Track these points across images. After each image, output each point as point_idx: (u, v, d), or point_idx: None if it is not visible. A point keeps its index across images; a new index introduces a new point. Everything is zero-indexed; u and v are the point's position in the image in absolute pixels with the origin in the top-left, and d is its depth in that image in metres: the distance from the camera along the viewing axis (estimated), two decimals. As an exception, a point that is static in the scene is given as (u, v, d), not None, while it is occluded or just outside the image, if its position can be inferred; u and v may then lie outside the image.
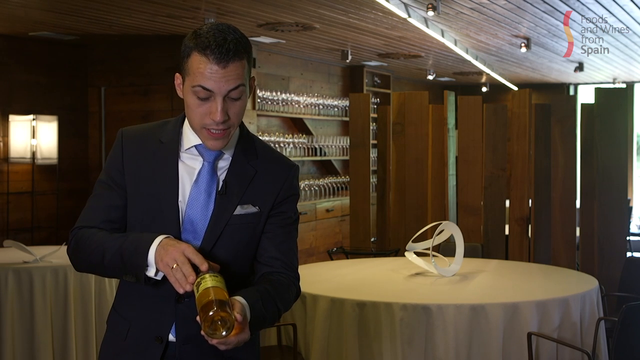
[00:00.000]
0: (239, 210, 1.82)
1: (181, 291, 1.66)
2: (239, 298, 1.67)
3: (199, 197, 1.81)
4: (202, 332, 1.58)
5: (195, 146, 1.84)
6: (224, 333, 1.58)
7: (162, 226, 1.78)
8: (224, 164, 1.85)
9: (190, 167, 1.84)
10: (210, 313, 1.56)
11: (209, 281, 1.62)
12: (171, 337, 1.82)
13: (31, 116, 6.70)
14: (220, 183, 1.83)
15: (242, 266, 1.85)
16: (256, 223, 1.85)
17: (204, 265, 1.65)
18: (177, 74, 1.83)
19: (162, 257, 1.68)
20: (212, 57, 1.69)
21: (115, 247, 1.75)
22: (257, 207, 1.84)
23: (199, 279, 1.63)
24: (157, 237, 1.72)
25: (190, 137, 1.84)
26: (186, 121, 1.87)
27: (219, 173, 1.84)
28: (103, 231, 1.82)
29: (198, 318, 1.60)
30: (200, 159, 1.84)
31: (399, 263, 4.40)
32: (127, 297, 1.88)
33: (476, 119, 5.82)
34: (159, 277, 1.73)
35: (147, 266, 1.71)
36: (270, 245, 1.86)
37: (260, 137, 7.68)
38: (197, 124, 1.77)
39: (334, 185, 8.73)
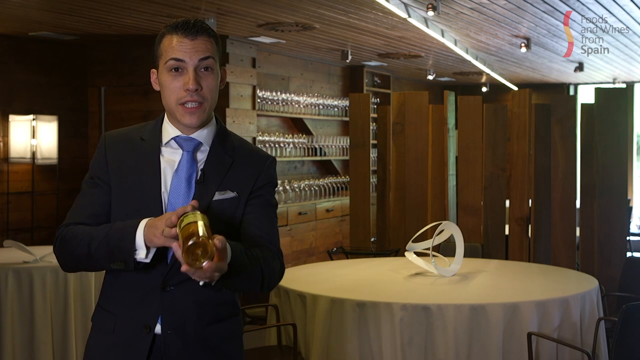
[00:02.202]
0: (217, 196, 1.88)
1: (178, 254, 1.66)
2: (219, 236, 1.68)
3: (180, 185, 1.88)
4: (182, 263, 1.60)
5: (174, 138, 1.92)
6: (204, 263, 1.59)
7: (146, 216, 1.82)
8: (202, 155, 1.93)
9: (171, 160, 1.91)
10: (190, 242, 1.58)
11: (190, 217, 1.65)
12: (158, 327, 1.84)
13: (31, 116, 6.70)
14: (199, 172, 1.90)
15: None
16: (235, 207, 1.90)
17: (187, 208, 1.68)
18: (152, 70, 1.94)
19: (153, 233, 1.71)
20: (180, 32, 1.85)
21: (101, 236, 1.80)
22: (235, 192, 1.90)
23: (182, 217, 1.66)
24: (141, 220, 1.77)
25: (169, 131, 1.93)
26: (165, 118, 1.95)
27: (198, 164, 1.91)
28: (87, 226, 1.87)
29: (178, 250, 1.61)
30: (180, 151, 1.91)
31: (399, 263, 4.40)
32: (112, 292, 1.91)
33: (476, 119, 5.82)
34: (148, 259, 1.77)
35: (136, 250, 1.75)
36: (252, 225, 1.91)
37: (260, 137, 7.71)
38: (172, 101, 1.86)
39: (334, 185, 8.73)
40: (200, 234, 1.60)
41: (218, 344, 1.88)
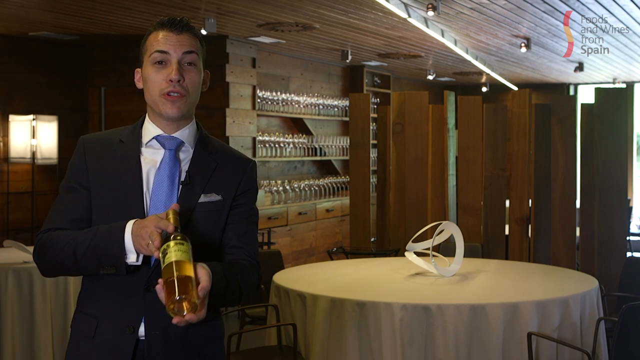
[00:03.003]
0: (203, 199, 1.88)
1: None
2: (204, 267, 1.68)
3: (163, 184, 1.87)
4: (166, 309, 1.61)
5: (156, 137, 1.91)
6: (184, 313, 1.61)
7: (128, 217, 1.80)
8: (184, 155, 1.92)
9: (152, 159, 1.90)
10: (176, 297, 1.59)
11: (172, 252, 1.63)
12: (141, 328, 1.83)
13: (31, 116, 6.70)
14: (183, 174, 1.89)
15: (208, 256, 1.87)
16: (220, 210, 1.90)
17: (169, 227, 1.68)
18: (137, 69, 1.95)
19: (140, 243, 1.72)
20: (166, 27, 1.89)
21: (86, 242, 1.78)
22: (220, 196, 1.90)
23: (164, 247, 1.65)
24: (126, 224, 1.76)
25: (150, 130, 1.93)
26: (146, 118, 1.96)
27: (181, 164, 1.90)
28: (69, 231, 1.85)
29: (162, 293, 1.61)
30: (162, 151, 1.90)
31: (399, 263, 4.40)
32: (92, 295, 1.89)
33: (476, 119, 5.82)
34: (139, 262, 1.76)
35: (126, 254, 1.75)
36: (233, 235, 1.92)
37: (261, 137, 7.71)
38: (156, 93, 1.87)
39: (334, 185, 8.73)
40: (183, 287, 1.60)
41: (200, 345, 1.88)
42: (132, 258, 1.75)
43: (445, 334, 3.17)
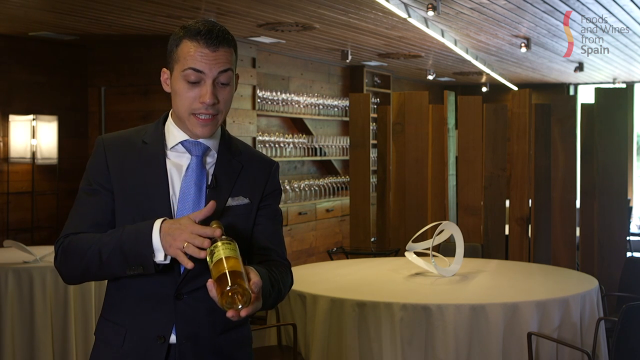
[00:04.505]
0: (230, 202, 1.84)
1: (189, 266, 1.62)
2: (252, 268, 1.63)
3: (190, 190, 1.81)
4: (219, 304, 1.55)
5: (182, 142, 1.85)
6: (240, 306, 1.56)
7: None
8: (210, 159, 1.87)
9: (177, 164, 1.84)
10: (227, 288, 1.54)
11: (221, 250, 1.59)
12: (172, 337, 1.78)
13: (31, 116, 6.70)
14: (210, 177, 1.84)
15: None
16: (248, 213, 1.87)
17: (216, 232, 1.63)
18: (164, 69, 1.85)
19: (170, 244, 1.65)
20: (202, 41, 1.75)
21: (112, 242, 1.71)
22: (248, 199, 1.87)
23: (211, 248, 1.61)
24: (154, 222, 1.69)
25: (175, 134, 1.86)
26: (169, 120, 1.88)
27: (207, 167, 1.86)
28: (92, 233, 1.77)
29: (213, 290, 1.56)
30: (187, 155, 1.85)
31: (399, 263, 4.40)
32: (119, 302, 1.82)
33: (476, 119, 5.82)
34: (168, 260, 1.69)
35: (154, 252, 1.67)
36: (262, 236, 1.88)
37: (261, 137, 7.71)
38: (185, 110, 1.79)
39: (334, 185, 8.73)
40: (236, 278, 1.55)
41: (231, 352, 1.84)
42: (159, 257, 1.67)
43: (445, 334, 3.17)
